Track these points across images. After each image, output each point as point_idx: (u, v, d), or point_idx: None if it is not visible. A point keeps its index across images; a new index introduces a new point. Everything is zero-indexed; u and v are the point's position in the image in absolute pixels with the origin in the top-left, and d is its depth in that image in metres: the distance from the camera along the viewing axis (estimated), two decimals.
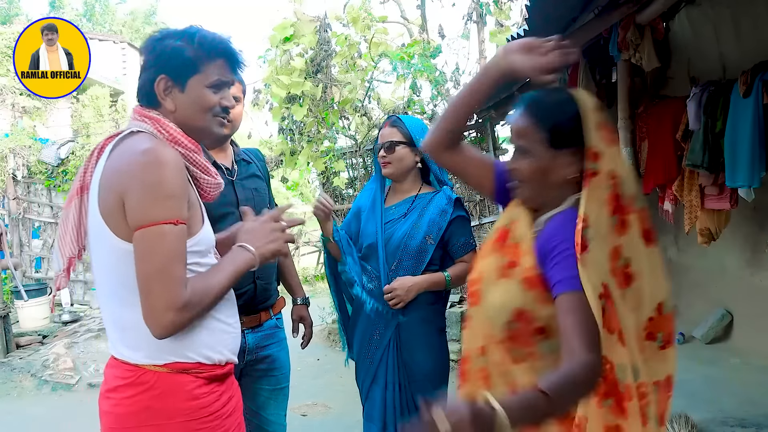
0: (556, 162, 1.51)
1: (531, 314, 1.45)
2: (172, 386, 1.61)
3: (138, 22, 27.09)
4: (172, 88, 1.65)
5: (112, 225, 1.55)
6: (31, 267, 9.78)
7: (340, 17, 8.82)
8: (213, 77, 1.66)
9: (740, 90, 3.68)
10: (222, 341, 1.69)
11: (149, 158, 1.52)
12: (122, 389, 1.65)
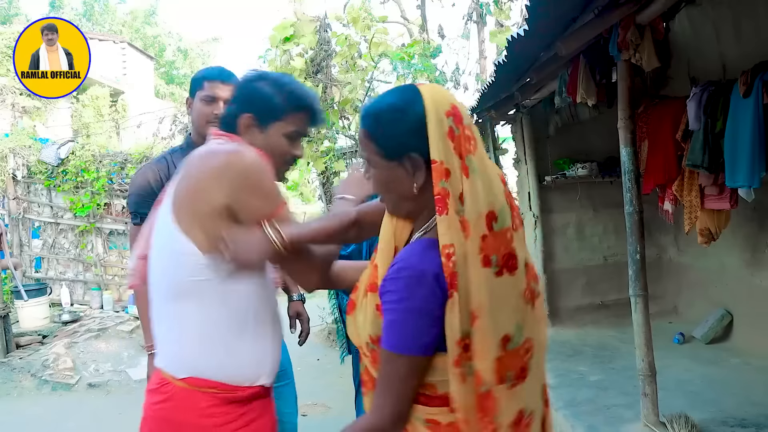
0: (395, 173, 1.36)
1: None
2: (187, 401, 1.65)
3: (138, 21, 27.08)
4: (254, 127, 1.77)
5: (184, 224, 1.63)
6: (30, 267, 9.77)
7: (340, 17, 8.82)
8: (292, 128, 1.79)
9: (740, 90, 3.68)
10: (249, 363, 1.72)
11: (249, 163, 1.64)
12: (151, 394, 1.73)
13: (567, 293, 6.40)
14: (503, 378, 1.29)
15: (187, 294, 1.65)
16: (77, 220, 9.50)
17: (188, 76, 27.94)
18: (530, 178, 6.52)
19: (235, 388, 1.68)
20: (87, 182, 9.36)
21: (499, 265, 1.26)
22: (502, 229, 1.28)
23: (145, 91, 16.69)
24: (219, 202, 1.59)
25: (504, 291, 1.28)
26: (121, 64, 15.80)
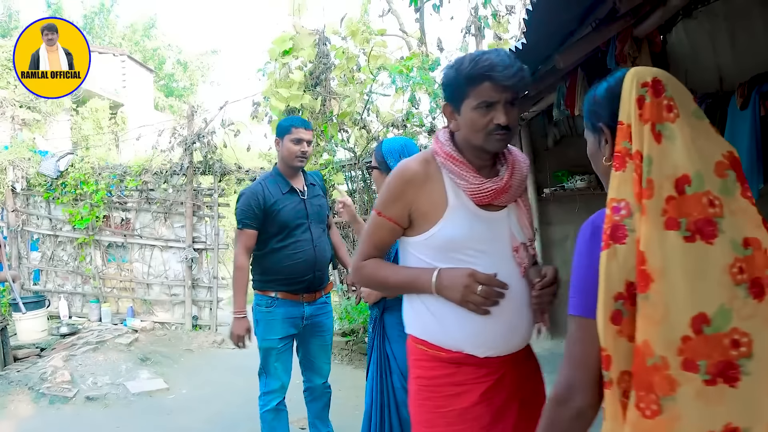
0: (594, 145, 1.48)
1: None
2: (411, 351, 2.09)
3: (137, 34, 27.16)
4: (453, 112, 1.96)
5: None
6: (29, 279, 9.75)
7: (339, 31, 8.86)
8: (477, 100, 1.86)
9: (737, 102, 3.69)
10: (458, 330, 1.94)
11: (395, 167, 2.06)
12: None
13: (566, 305, 6.38)
14: (692, 365, 1.16)
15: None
16: (76, 232, 9.49)
17: (188, 88, 28.07)
18: (529, 190, 6.52)
19: (438, 349, 1.96)
20: (86, 194, 9.36)
21: (690, 230, 1.20)
22: (696, 193, 1.22)
23: (144, 103, 16.73)
24: None
25: (698, 260, 1.19)
26: (120, 77, 15.84)
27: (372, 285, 2.24)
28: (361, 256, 2.09)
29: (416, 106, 8.48)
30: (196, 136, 9.10)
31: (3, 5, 23.79)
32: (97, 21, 26.12)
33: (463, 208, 1.93)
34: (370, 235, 2.07)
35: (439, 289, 1.90)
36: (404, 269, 2.03)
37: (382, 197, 2.02)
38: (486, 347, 1.93)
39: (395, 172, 2.01)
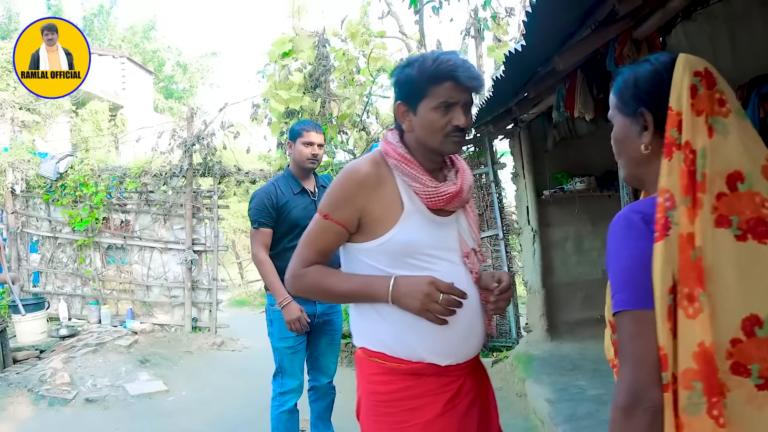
0: (628, 130, 1.39)
1: (613, 324, 1.33)
2: (362, 367, 1.96)
3: (137, 36, 27.18)
4: (407, 112, 1.88)
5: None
6: (28, 281, 9.75)
7: (339, 33, 8.86)
8: (438, 100, 1.81)
9: None
10: (417, 339, 1.84)
11: (343, 168, 1.94)
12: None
13: (566, 307, 6.39)
14: (743, 369, 1.13)
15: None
16: (75, 234, 9.49)
17: (187, 90, 28.09)
18: (528, 192, 6.53)
19: (398, 360, 1.86)
20: (86, 196, 9.36)
21: (741, 229, 1.18)
22: (749, 191, 1.19)
23: (144, 105, 16.75)
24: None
25: (751, 260, 1.16)
26: (120, 79, 15.85)
27: (315, 294, 2.04)
28: (301, 262, 1.95)
29: None
30: (195, 138, 9.10)
31: (3, 7, 23.81)
32: (97, 23, 26.15)
33: (418, 212, 1.88)
34: (313, 239, 1.94)
35: (396, 297, 1.80)
36: (354, 277, 1.91)
37: (329, 199, 1.90)
38: (447, 355, 1.87)
39: (345, 173, 1.90)
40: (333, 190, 1.90)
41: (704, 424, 1.12)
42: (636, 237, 1.23)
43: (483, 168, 7.33)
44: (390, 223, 1.84)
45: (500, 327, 7.25)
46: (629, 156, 1.41)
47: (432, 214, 1.89)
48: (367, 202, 1.85)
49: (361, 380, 1.97)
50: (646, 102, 1.33)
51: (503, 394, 5.67)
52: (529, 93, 4.95)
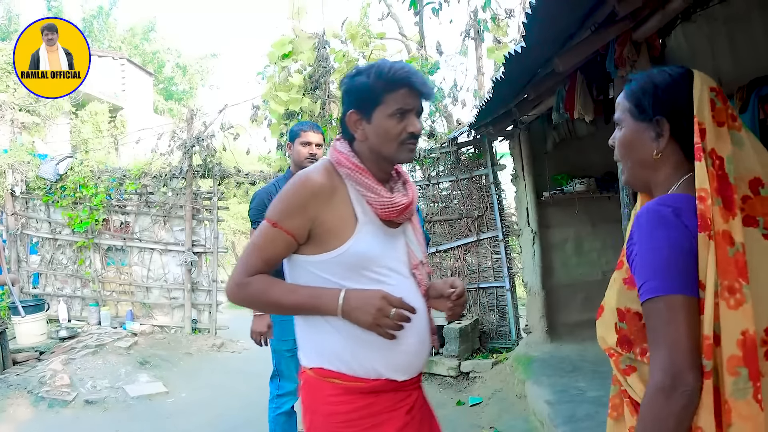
0: (640, 135, 1.45)
1: (632, 311, 1.38)
2: (314, 388, 1.85)
3: (137, 38, 27.20)
4: (361, 120, 1.84)
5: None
6: (28, 283, 9.74)
7: (338, 34, 8.87)
8: (394, 107, 1.80)
9: (736, 105, 3.70)
10: (372, 354, 1.81)
11: (295, 176, 1.86)
12: (299, 378, 1.95)
13: (566, 308, 6.39)
14: None
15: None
16: (75, 235, 9.49)
17: (187, 91, 28.08)
18: (528, 193, 6.53)
19: (357, 379, 1.80)
20: (85, 198, 9.36)
21: (766, 228, 1.31)
22: (743, 200, 1.32)
23: (143, 106, 16.76)
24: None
25: None
26: (120, 80, 15.86)
27: (258, 305, 1.93)
28: (245, 270, 1.83)
29: None
30: (195, 140, 9.11)
31: (3, 8, 23.82)
32: (96, 24, 26.16)
33: (371, 223, 1.84)
34: (260, 248, 1.83)
35: (346, 311, 1.74)
36: (302, 288, 1.82)
37: (280, 207, 1.82)
38: (404, 370, 1.86)
39: (298, 181, 1.83)
40: (284, 198, 1.82)
41: (751, 408, 1.20)
42: (669, 227, 1.30)
43: (483, 169, 7.34)
44: (345, 235, 1.80)
45: (500, 328, 7.25)
46: (638, 159, 1.47)
47: (383, 225, 1.87)
48: (320, 213, 1.79)
49: (313, 403, 1.86)
50: (664, 111, 1.41)
51: (503, 396, 5.67)
52: (529, 94, 4.95)
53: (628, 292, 1.38)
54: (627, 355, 1.39)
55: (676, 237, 1.29)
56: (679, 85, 1.40)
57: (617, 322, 1.40)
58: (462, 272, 7.45)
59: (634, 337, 1.38)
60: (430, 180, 7.66)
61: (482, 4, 9.54)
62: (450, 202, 7.63)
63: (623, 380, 1.42)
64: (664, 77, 1.43)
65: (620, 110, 1.51)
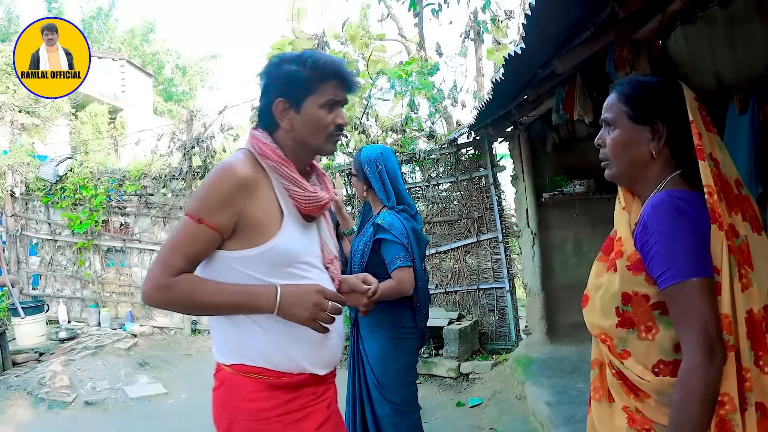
0: (639, 136, 1.58)
1: (641, 294, 1.49)
2: (235, 386, 1.78)
3: (136, 39, 27.20)
4: (289, 109, 1.80)
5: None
6: (28, 284, 9.75)
7: (338, 35, 8.87)
8: (326, 97, 1.80)
9: (736, 107, 3.71)
10: (297, 350, 1.79)
11: (215, 168, 1.76)
12: (215, 380, 1.87)
13: (565, 310, 6.38)
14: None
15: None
16: (75, 237, 9.49)
17: (186, 93, 28.09)
18: (528, 194, 6.53)
19: (280, 374, 1.77)
20: (85, 199, 9.36)
21: (749, 222, 1.48)
22: (747, 196, 1.51)
23: (143, 108, 16.75)
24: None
25: (762, 246, 1.47)
26: (119, 82, 15.86)
27: (186, 307, 1.78)
28: (167, 271, 1.69)
29: (415, 110, 8.49)
30: (195, 141, 9.11)
31: (3, 9, 23.83)
32: (96, 26, 26.15)
33: (294, 218, 1.81)
34: (183, 245, 1.70)
35: (283, 307, 1.71)
36: (232, 287, 1.72)
37: (204, 201, 1.71)
38: (325, 364, 1.87)
39: (221, 173, 1.73)
40: (208, 191, 1.72)
41: (754, 371, 1.40)
42: (689, 216, 1.43)
43: (482, 171, 7.34)
44: (272, 230, 1.75)
45: (500, 330, 7.25)
46: (633, 158, 1.59)
47: (302, 219, 1.85)
48: (246, 207, 1.72)
49: (233, 401, 1.78)
50: (662, 115, 1.56)
51: (503, 397, 5.67)
52: (529, 96, 4.95)
53: (633, 277, 1.49)
54: (626, 338, 1.51)
55: (696, 225, 1.42)
56: (671, 92, 1.56)
57: (619, 306, 1.51)
58: (462, 273, 7.45)
59: (638, 318, 1.49)
60: (429, 181, 7.66)
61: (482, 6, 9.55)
62: (450, 204, 7.63)
63: (619, 363, 1.53)
64: (657, 84, 1.59)
65: (613, 112, 1.64)
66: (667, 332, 1.47)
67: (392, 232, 3.05)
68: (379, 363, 3.13)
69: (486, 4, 9.36)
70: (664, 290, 1.43)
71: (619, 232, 1.60)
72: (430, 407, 5.61)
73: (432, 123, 8.51)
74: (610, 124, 1.65)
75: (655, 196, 1.51)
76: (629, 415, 1.52)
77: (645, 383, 1.48)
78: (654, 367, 1.48)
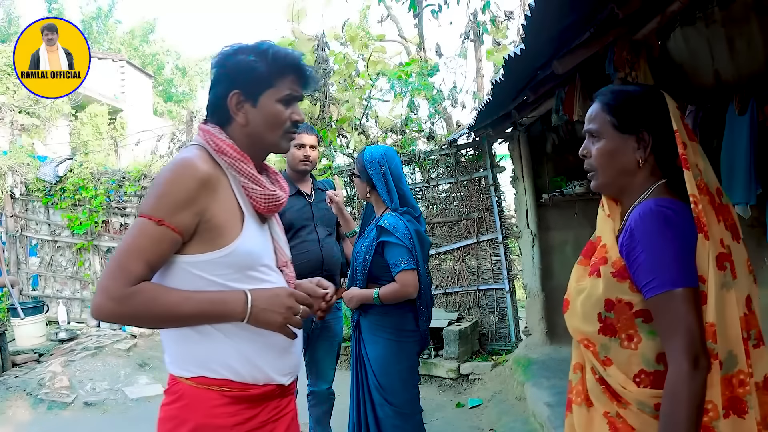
0: (625, 145, 1.59)
1: (624, 301, 1.51)
2: (196, 400, 1.63)
3: (136, 40, 27.23)
4: (245, 102, 1.70)
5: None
6: (28, 285, 9.75)
7: (338, 36, 8.87)
8: (285, 92, 1.71)
9: (735, 108, 3.71)
10: (264, 359, 1.69)
11: (171, 164, 1.61)
12: (165, 395, 1.71)
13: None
14: (749, 335, 1.45)
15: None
16: (75, 237, 9.49)
17: (186, 93, 28.11)
18: (528, 195, 6.53)
19: (245, 386, 1.66)
20: (85, 200, 9.36)
21: (729, 230, 1.50)
22: (726, 204, 1.53)
23: (143, 108, 16.76)
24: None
25: (739, 255, 1.50)
26: (119, 82, 15.87)
27: (148, 319, 1.58)
28: (126, 279, 1.51)
29: (415, 111, 8.49)
30: None
31: (3, 10, 23.84)
32: (96, 26, 26.17)
33: (252, 218, 1.71)
34: (142, 249, 1.53)
35: (255, 313, 1.60)
36: (200, 294, 1.59)
37: (164, 201, 1.55)
38: (290, 371, 1.78)
39: (183, 170, 1.59)
40: (167, 189, 1.56)
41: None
42: (676, 226, 1.45)
43: (482, 171, 7.33)
44: (234, 231, 1.63)
45: (500, 330, 7.25)
46: (619, 168, 1.60)
47: (259, 220, 1.75)
48: (209, 206, 1.59)
49: (193, 416, 1.62)
50: (647, 125, 1.57)
51: (503, 398, 5.67)
52: (528, 97, 4.95)
53: (618, 284, 1.50)
54: (608, 345, 1.54)
55: (683, 235, 1.44)
56: (655, 101, 1.57)
57: (602, 312, 1.53)
58: (461, 274, 7.44)
59: (620, 326, 1.51)
60: (429, 182, 7.66)
61: (482, 7, 9.55)
62: (449, 204, 7.63)
63: (602, 370, 1.55)
64: (640, 93, 1.61)
65: (598, 123, 1.63)
66: (649, 342, 1.49)
67: (396, 234, 3.02)
68: (380, 365, 3.12)
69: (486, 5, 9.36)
70: (649, 299, 1.45)
71: (603, 238, 1.61)
72: (430, 408, 5.61)
73: (432, 124, 8.50)
74: (595, 134, 1.64)
75: (643, 204, 1.51)
76: (610, 421, 1.54)
77: (627, 393, 1.50)
78: (635, 376, 1.50)
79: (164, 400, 1.69)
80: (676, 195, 1.54)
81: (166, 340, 1.70)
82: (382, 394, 3.09)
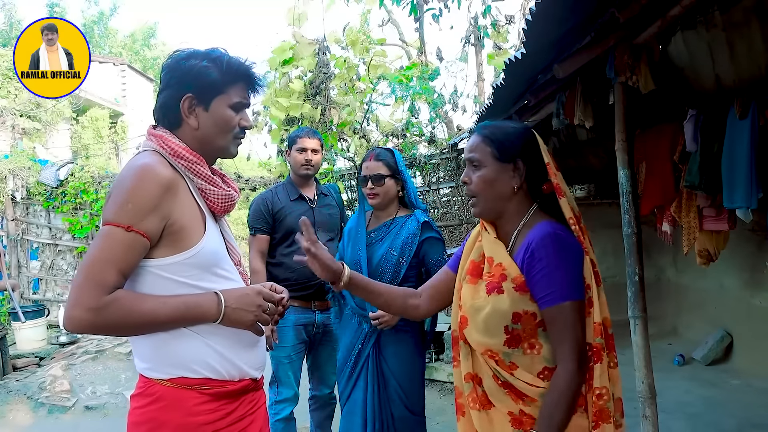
0: (504, 173, 1.81)
1: (530, 312, 1.72)
2: (176, 401, 1.65)
3: (137, 44, 27.26)
4: (197, 106, 1.73)
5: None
6: (28, 288, 9.75)
7: (339, 40, 8.89)
8: (235, 99, 1.76)
9: (736, 112, 3.71)
10: (238, 355, 1.75)
11: (131, 171, 1.61)
12: (136, 398, 1.70)
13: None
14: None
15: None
16: (76, 241, 9.50)
17: None
18: None
19: (224, 383, 1.71)
20: (86, 203, 9.37)
21: (590, 245, 1.77)
22: (585, 227, 1.77)
23: (144, 112, 16.77)
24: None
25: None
26: (120, 86, 15.90)
27: (125, 327, 1.58)
28: (101, 289, 1.50)
29: (416, 115, 8.50)
30: None
31: (4, 14, 23.90)
32: (97, 30, 26.20)
33: (211, 218, 1.76)
34: (114, 257, 1.53)
35: (228, 313, 1.66)
36: (174, 299, 1.61)
37: (130, 207, 1.55)
38: (261, 365, 1.85)
39: (144, 175, 1.59)
40: (131, 196, 1.57)
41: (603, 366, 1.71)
42: (570, 248, 1.70)
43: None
44: (197, 233, 1.67)
45: None
46: (497, 194, 1.82)
47: (214, 220, 1.80)
48: (173, 210, 1.62)
49: (173, 417, 1.64)
50: (522, 155, 1.80)
51: None
52: (529, 100, 4.96)
53: (521, 297, 1.72)
54: (510, 353, 1.73)
55: (575, 254, 1.70)
56: (527, 135, 1.82)
57: (509, 324, 1.72)
58: None
59: (525, 335, 1.72)
60: (430, 186, 7.66)
61: (482, 11, 9.57)
62: (450, 208, 7.63)
63: (508, 375, 1.73)
64: (515, 128, 1.85)
65: (479, 153, 1.83)
66: (548, 346, 1.72)
67: (435, 229, 3.11)
68: (402, 367, 3.05)
69: (486, 9, 9.39)
70: (544, 309, 1.69)
71: (496, 258, 1.78)
72: (431, 412, 5.59)
73: (432, 128, 8.52)
74: (476, 163, 1.84)
75: (540, 227, 1.74)
76: (514, 418, 1.74)
77: (534, 389, 1.71)
78: (539, 373, 1.72)
79: (135, 403, 1.69)
80: (551, 217, 1.79)
81: (139, 345, 1.70)
82: (404, 403, 3.03)
